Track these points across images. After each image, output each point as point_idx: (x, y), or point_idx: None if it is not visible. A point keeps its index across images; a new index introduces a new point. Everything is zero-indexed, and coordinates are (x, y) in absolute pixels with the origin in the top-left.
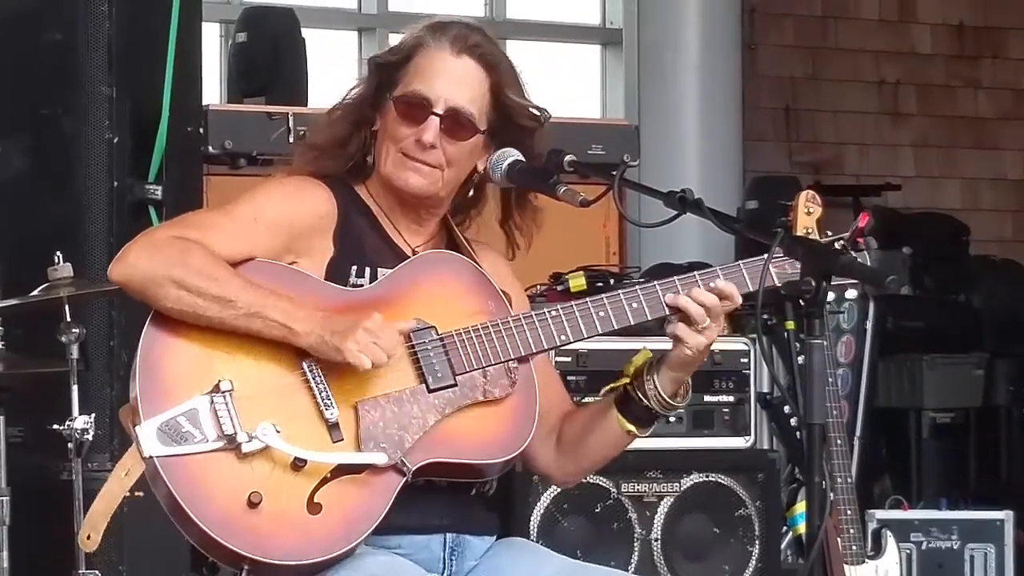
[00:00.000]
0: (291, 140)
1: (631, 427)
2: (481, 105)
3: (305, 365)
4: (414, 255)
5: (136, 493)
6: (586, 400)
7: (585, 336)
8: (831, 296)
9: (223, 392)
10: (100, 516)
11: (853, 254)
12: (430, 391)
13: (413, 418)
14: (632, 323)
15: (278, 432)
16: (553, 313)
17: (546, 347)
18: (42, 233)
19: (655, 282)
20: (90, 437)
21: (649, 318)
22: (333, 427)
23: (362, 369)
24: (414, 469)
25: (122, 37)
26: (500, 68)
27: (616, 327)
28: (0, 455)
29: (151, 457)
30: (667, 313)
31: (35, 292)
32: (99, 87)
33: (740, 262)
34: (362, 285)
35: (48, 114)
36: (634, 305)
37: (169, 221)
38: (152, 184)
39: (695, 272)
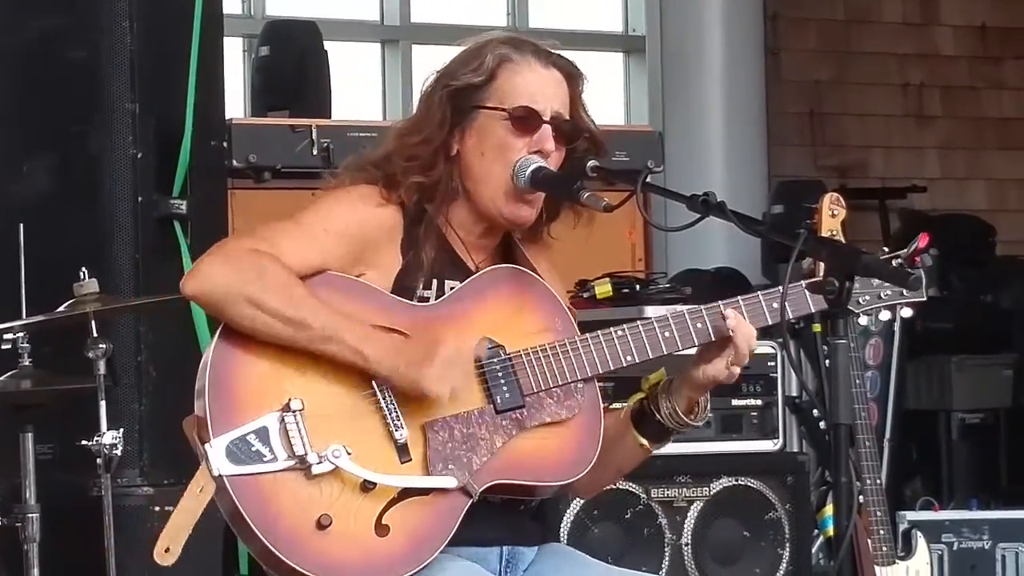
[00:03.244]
0: (314, 153)
1: (644, 442)
2: (568, 113)
3: (375, 384)
4: (476, 270)
5: (166, 508)
6: (615, 406)
7: (651, 357)
8: (865, 320)
9: (294, 411)
10: (180, 530)
11: (910, 271)
12: (498, 412)
13: (481, 439)
14: (697, 343)
15: (349, 454)
16: (619, 333)
17: (612, 367)
18: (68, 249)
19: (719, 302)
20: (119, 452)
21: (713, 339)
22: (401, 448)
23: (442, 398)
24: (480, 491)
25: (145, 53)
26: (577, 80)
27: (680, 348)
28: (29, 472)
29: (220, 475)
30: (732, 335)
31: (61, 308)
32: (123, 103)
33: (759, 294)
34: (428, 298)
35: (72, 131)
36: (698, 325)
37: (240, 233)
38: (177, 199)
39: (758, 292)
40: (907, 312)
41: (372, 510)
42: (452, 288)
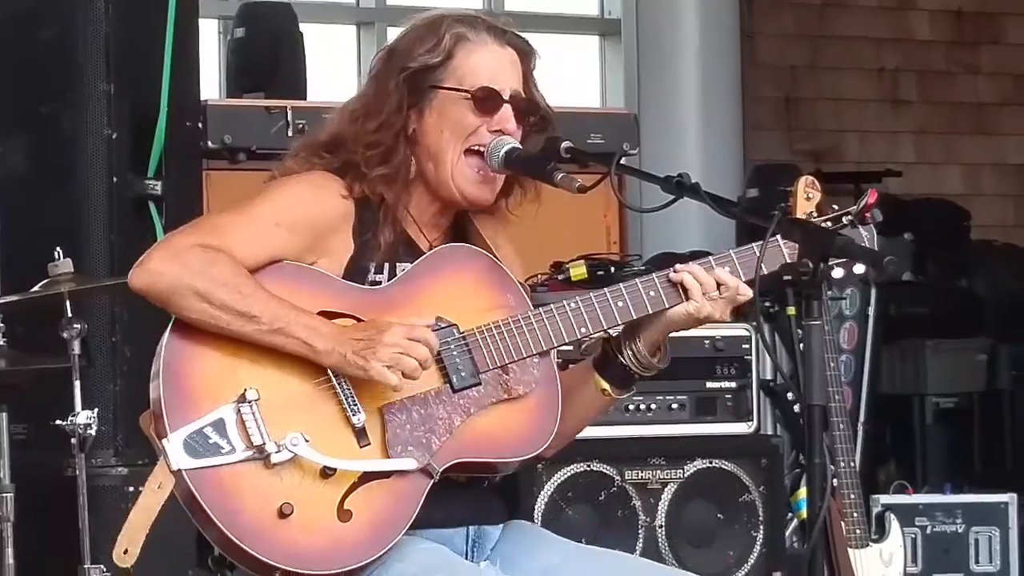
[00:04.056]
0: (290, 134)
1: (606, 386)
2: (522, 90)
3: (330, 370)
4: (430, 248)
5: (140, 488)
6: None
7: (605, 327)
8: (840, 273)
9: (249, 401)
10: (137, 530)
11: (860, 228)
12: (455, 391)
13: (439, 419)
14: (650, 311)
15: (307, 441)
16: (572, 305)
17: (567, 340)
18: (43, 229)
19: (671, 268)
20: (93, 432)
21: (667, 305)
22: (360, 432)
23: (390, 385)
24: (441, 471)
25: (120, 34)
26: (530, 57)
27: (635, 316)
28: (4, 452)
29: (180, 470)
30: (684, 301)
31: (36, 288)
32: (98, 84)
33: (753, 245)
34: (380, 282)
35: (47, 112)
36: (651, 293)
37: (188, 226)
38: (152, 180)
39: (710, 256)
40: (859, 268)
41: (333, 496)
42: (404, 271)
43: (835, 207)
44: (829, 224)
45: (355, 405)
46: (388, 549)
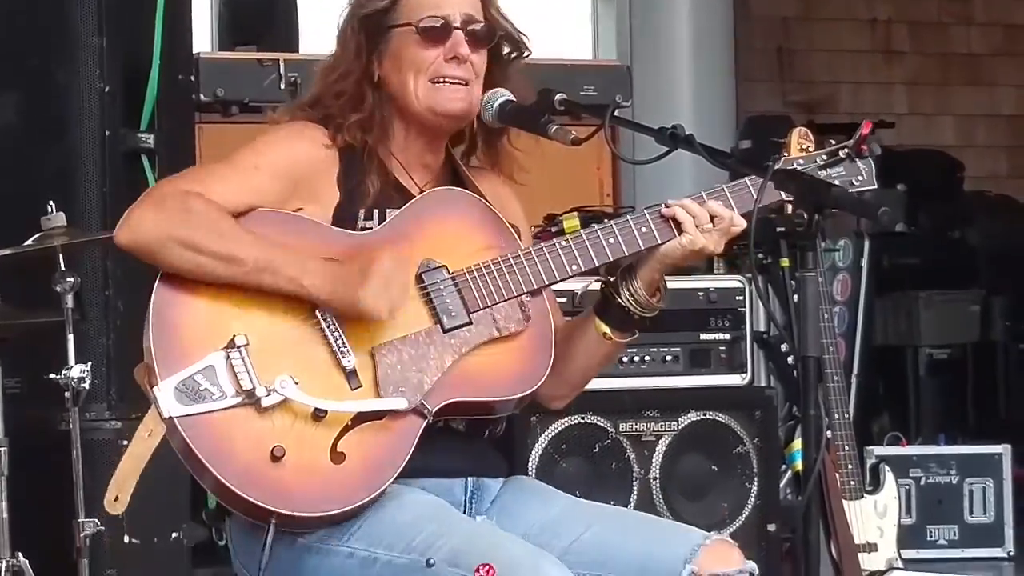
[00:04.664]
0: (282, 87)
1: (606, 329)
2: (482, 16)
3: (319, 314)
4: (421, 193)
5: None
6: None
7: (596, 264)
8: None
9: (239, 347)
10: (127, 478)
11: (858, 162)
12: (445, 331)
13: (431, 359)
14: (642, 248)
15: (296, 384)
16: (563, 244)
17: (558, 278)
18: (35, 183)
19: (663, 203)
20: (87, 386)
21: (659, 241)
22: (351, 374)
23: (381, 318)
24: (435, 410)
25: None
26: None
27: (627, 253)
28: None
29: (171, 417)
30: (677, 236)
31: (29, 242)
32: (90, 37)
33: (746, 179)
34: (371, 228)
35: (39, 65)
36: (643, 229)
37: (170, 176)
38: (144, 133)
39: (702, 191)
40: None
41: (326, 438)
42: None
43: (832, 141)
44: (825, 158)
45: (345, 347)
46: (382, 490)
